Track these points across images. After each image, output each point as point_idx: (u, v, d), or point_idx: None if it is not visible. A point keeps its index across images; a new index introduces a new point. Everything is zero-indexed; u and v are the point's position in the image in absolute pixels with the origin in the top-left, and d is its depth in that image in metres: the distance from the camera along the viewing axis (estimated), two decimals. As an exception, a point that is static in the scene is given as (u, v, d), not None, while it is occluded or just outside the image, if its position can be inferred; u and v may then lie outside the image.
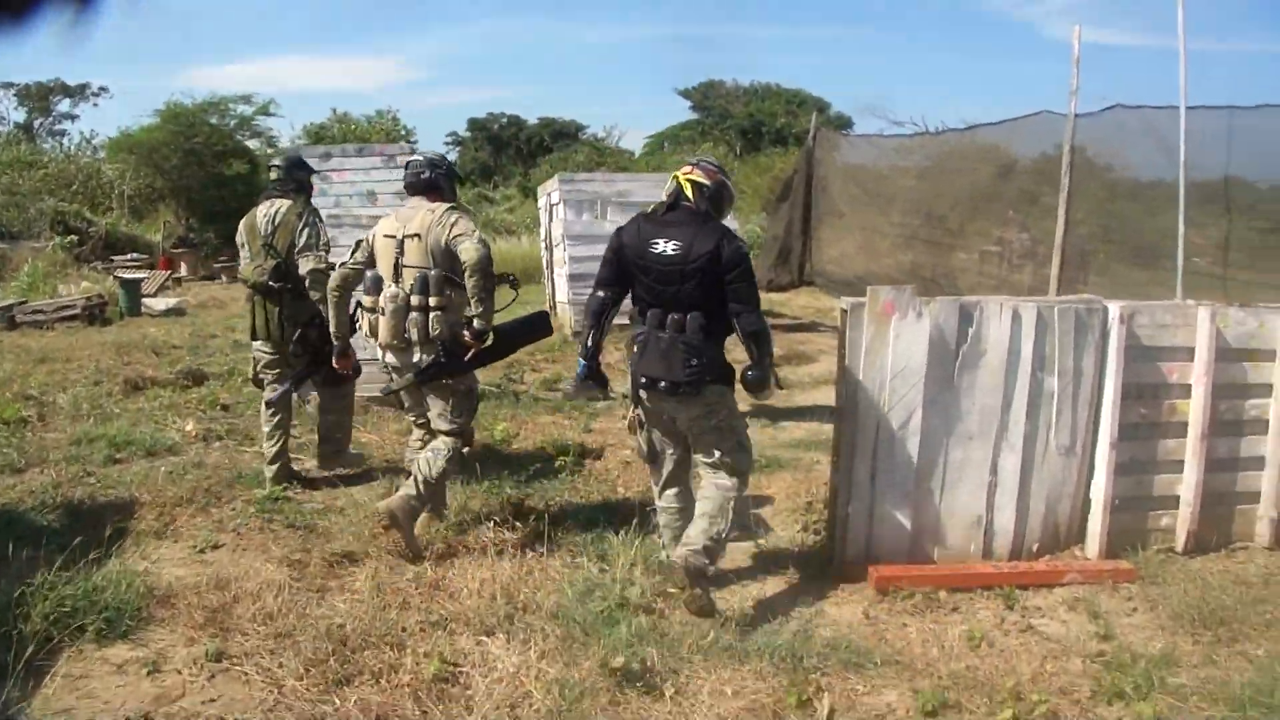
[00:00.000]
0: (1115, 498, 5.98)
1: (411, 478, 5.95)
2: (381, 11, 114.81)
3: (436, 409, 6.07)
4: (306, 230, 6.96)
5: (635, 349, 5.25)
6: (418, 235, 5.81)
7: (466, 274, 5.71)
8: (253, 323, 7.20)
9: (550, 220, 15.96)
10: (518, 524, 6.37)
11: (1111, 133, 14.12)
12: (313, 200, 7.46)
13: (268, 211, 7.11)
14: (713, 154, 35.46)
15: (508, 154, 51.89)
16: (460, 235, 5.75)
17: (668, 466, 5.57)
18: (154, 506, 6.78)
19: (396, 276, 5.89)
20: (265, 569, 5.72)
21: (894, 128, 23.36)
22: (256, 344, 7.29)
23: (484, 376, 8.12)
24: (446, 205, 5.94)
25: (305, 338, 6.99)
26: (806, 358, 13.48)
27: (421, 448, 6.26)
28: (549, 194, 15.88)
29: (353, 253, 6.19)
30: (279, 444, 7.25)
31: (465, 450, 6.39)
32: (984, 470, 5.86)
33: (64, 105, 49.48)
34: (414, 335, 5.80)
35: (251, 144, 30.41)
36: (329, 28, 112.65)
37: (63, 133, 46.58)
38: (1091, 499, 6.05)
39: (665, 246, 5.11)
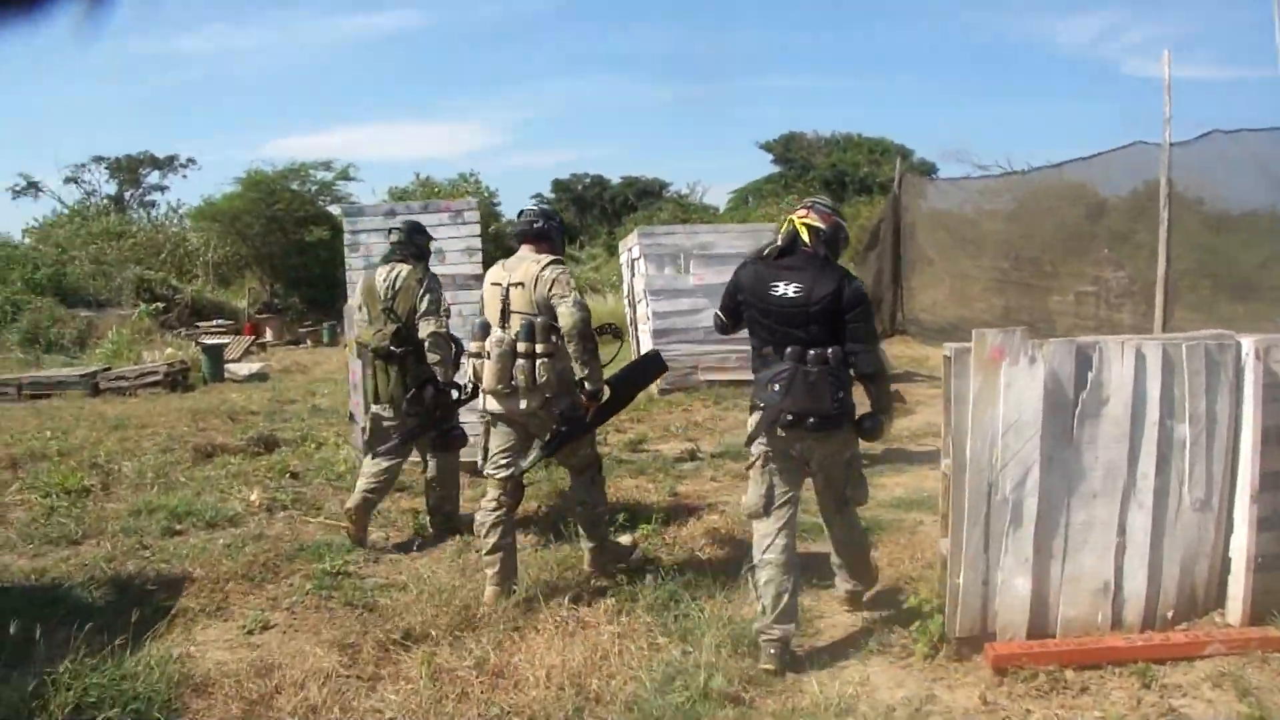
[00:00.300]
0: (1258, 555, 5.21)
1: (582, 532, 6.33)
2: (459, 79, 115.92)
3: (566, 449, 6.07)
4: (428, 295, 6.98)
5: (775, 387, 5.05)
6: (522, 284, 5.80)
7: (565, 338, 5.74)
8: (375, 387, 7.20)
9: (632, 275, 15.55)
10: (591, 600, 5.90)
11: (1209, 161, 13.52)
12: (375, 260, 7.50)
13: (388, 276, 7.13)
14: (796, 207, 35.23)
15: (592, 214, 51.89)
16: (558, 296, 5.73)
17: (778, 521, 5.21)
18: (207, 582, 6.38)
19: (503, 322, 5.87)
20: (315, 654, 5.23)
21: (979, 171, 22.84)
22: (376, 408, 7.27)
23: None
24: (550, 259, 5.88)
25: (420, 398, 6.98)
26: (904, 410, 12.75)
27: (497, 509, 5.96)
28: (630, 248, 15.49)
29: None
30: (372, 498, 7.21)
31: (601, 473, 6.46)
32: (1110, 531, 5.16)
33: (153, 177, 50.12)
34: (521, 381, 5.75)
35: (332, 210, 30.42)
36: (409, 97, 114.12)
37: (152, 204, 47.45)
38: (1231, 558, 5.29)
39: (786, 289, 5.09)
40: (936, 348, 12.49)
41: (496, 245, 36.20)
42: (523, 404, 5.81)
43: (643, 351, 14.33)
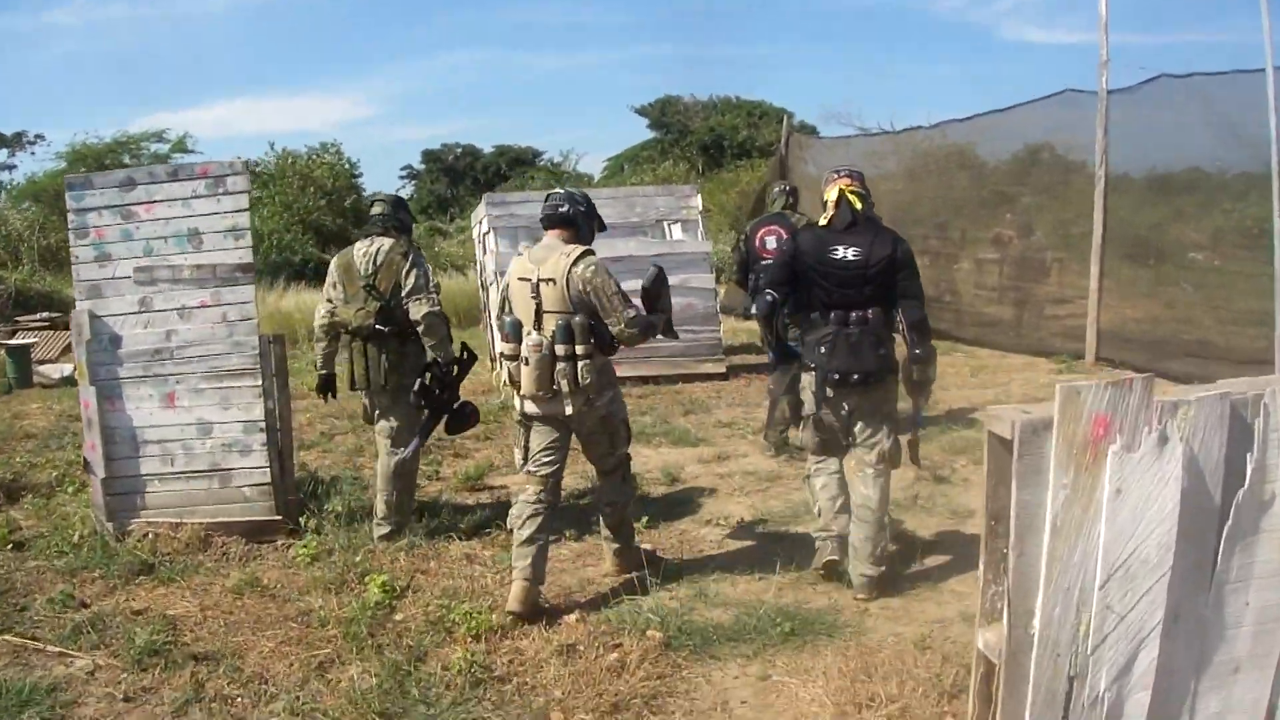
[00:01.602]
0: None
1: (607, 531, 5.95)
2: (331, 52, 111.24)
3: (599, 450, 5.78)
4: (415, 271, 6.51)
5: (822, 349, 5.43)
6: (553, 279, 5.36)
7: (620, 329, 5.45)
8: (350, 371, 6.62)
9: (483, 253, 12.76)
10: None
11: (1150, 112, 11.50)
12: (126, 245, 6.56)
13: (368, 250, 6.62)
14: (673, 172, 33.10)
15: (464, 185, 48.96)
16: (607, 309, 5.40)
17: (830, 454, 5.71)
18: None
19: (537, 323, 5.43)
20: None
21: (861, 134, 20.69)
22: (357, 391, 6.84)
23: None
24: (581, 251, 5.44)
25: (426, 389, 6.47)
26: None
27: (537, 501, 5.54)
28: (479, 221, 12.66)
29: (501, 305, 5.78)
30: (398, 513, 6.67)
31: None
32: (1257, 723, 2.76)
33: (0, 155, 45.45)
34: (564, 386, 5.37)
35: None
36: (281, 70, 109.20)
37: (5, 185, 42.67)
38: None
39: (846, 252, 5.36)
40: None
41: (357, 223, 33.71)
42: (568, 408, 5.43)
43: (495, 346, 11.70)
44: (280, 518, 6.71)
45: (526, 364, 5.39)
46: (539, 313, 5.40)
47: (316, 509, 6.84)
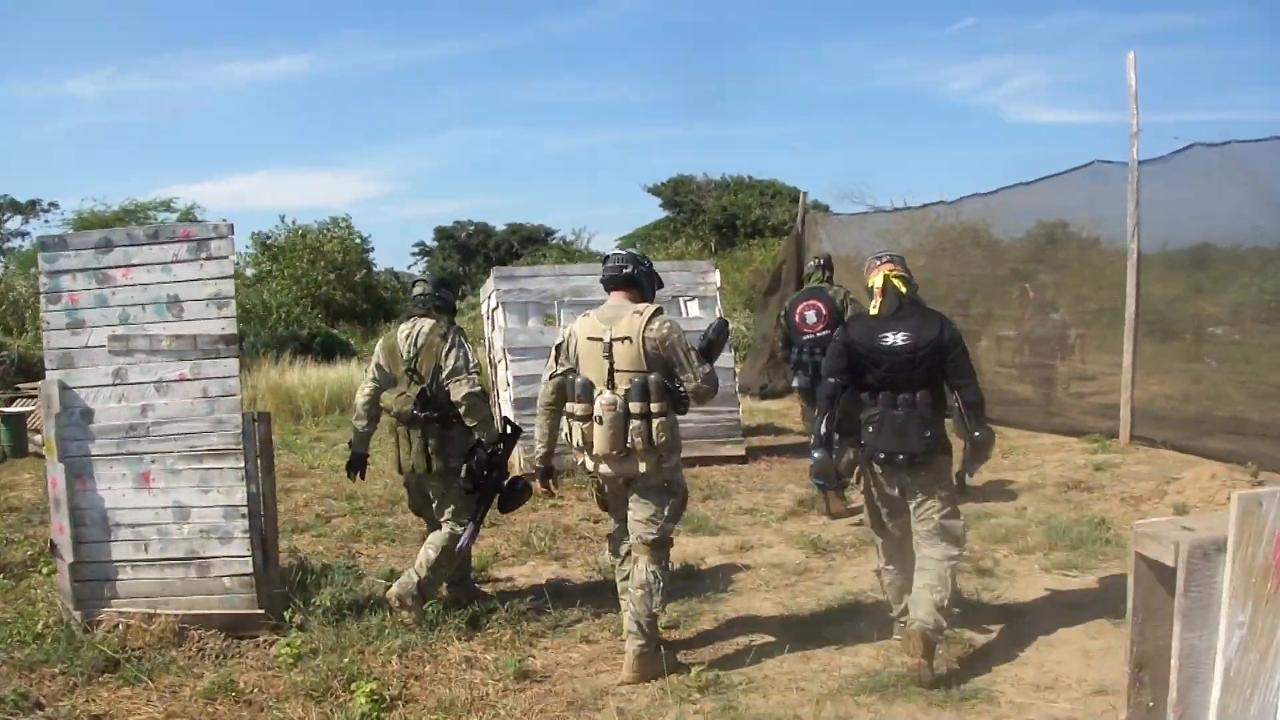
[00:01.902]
0: None
1: (634, 626, 5.43)
2: (346, 129, 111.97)
3: (646, 514, 5.49)
4: (454, 352, 6.32)
5: (870, 428, 5.51)
6: (628, 339, 5.38)
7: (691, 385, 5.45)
8: (397, 457, 6.45)
9: (492, 329, 12.17)
10: None
11: (1184, 180, 11.00)
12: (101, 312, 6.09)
13: (410, 332, 6.47)
14: (686, 250, 32.66)
15: (476, 262, 48.65)
16: (681, 366, 5.42)
17: (891, 536, 5.77)
18: None
19: (610, 382, 5.41)
20: None
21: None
22: (402, 477, 6.69)
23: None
24: (653, 309, 5.50)
25: (472, 471, 6.25)
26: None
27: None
28: (488, 297, 12.05)
29: (555, 358, 5.76)
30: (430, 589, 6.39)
31: (673, 565, 6.01)
32: None
33: (14, 222, 45.22)
34: (639, 445, 5.31)
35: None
36: (296, 146, 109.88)
37: (13, 251, 42.41)
38: None
39: (895, 338, 5.45)
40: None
41: (367, 298, 33.51)
42: (641, 467, 5.39)
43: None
44: (262, 611, 6.10)
45: (600, 423, 5.33)
46: (612, 371, 5.40)
47: (303, 603, 6.23)
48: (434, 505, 6.54)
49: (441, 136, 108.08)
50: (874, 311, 5.64)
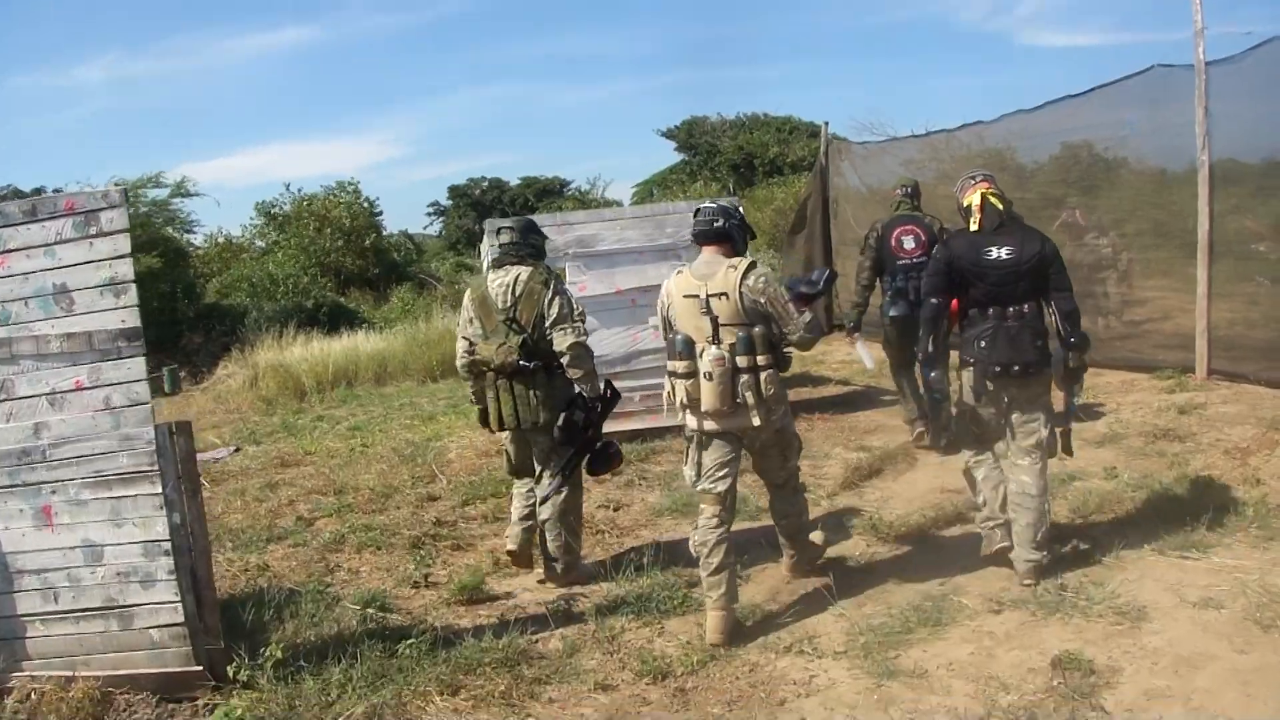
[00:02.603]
0: None
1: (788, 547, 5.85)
2: (358, 94, 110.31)
3: (774, 463, 5.63)
4: (558, 299, 5.95)
5: (982, 343, 5.50)
6: (725, 294, 5.21)
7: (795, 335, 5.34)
8: (499, 411, 6.01)
9: (492, 290, 10.67)
10: None
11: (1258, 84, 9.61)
12: None
13: (504, 281, 6.03)
14: (704, 193, 31.27)
15: (491, 218, 47.23)
16: (783, 316, 5.26)
17: (988, 447, 5.76)
18: None
19: (715, 338, 5.21)
20: None
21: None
22: (504, 435, 6.27)
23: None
24: (748, 262, 5.30)
25: (571, 424, 5.87)
26: (902, 456, 8.47)
27: (718, 525, 5.33)
28: (485, 255, 10.60)
29: (661, 323, 5.63)
30: (523, 526, 6.29)
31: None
32: None
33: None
34: (749, 399, 5.17)
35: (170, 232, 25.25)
36: (310, 116, 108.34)
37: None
38: None
39: (1000, 252, 5.47)
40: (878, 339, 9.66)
41: (378, 262, 32.08)
42: (755, 419, 5.22)
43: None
44: (200, 669, 4.84)
45: (709, 379, 5.20)
46: (715, 326, 5.24)
47: (251, 652, 4.94)
48: (524, 462, 6.28)
49: (451, 97, 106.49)
50: (975, 228, 5.62)
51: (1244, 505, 6.22)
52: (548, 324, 5.94)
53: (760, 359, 5.20)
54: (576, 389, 5.96)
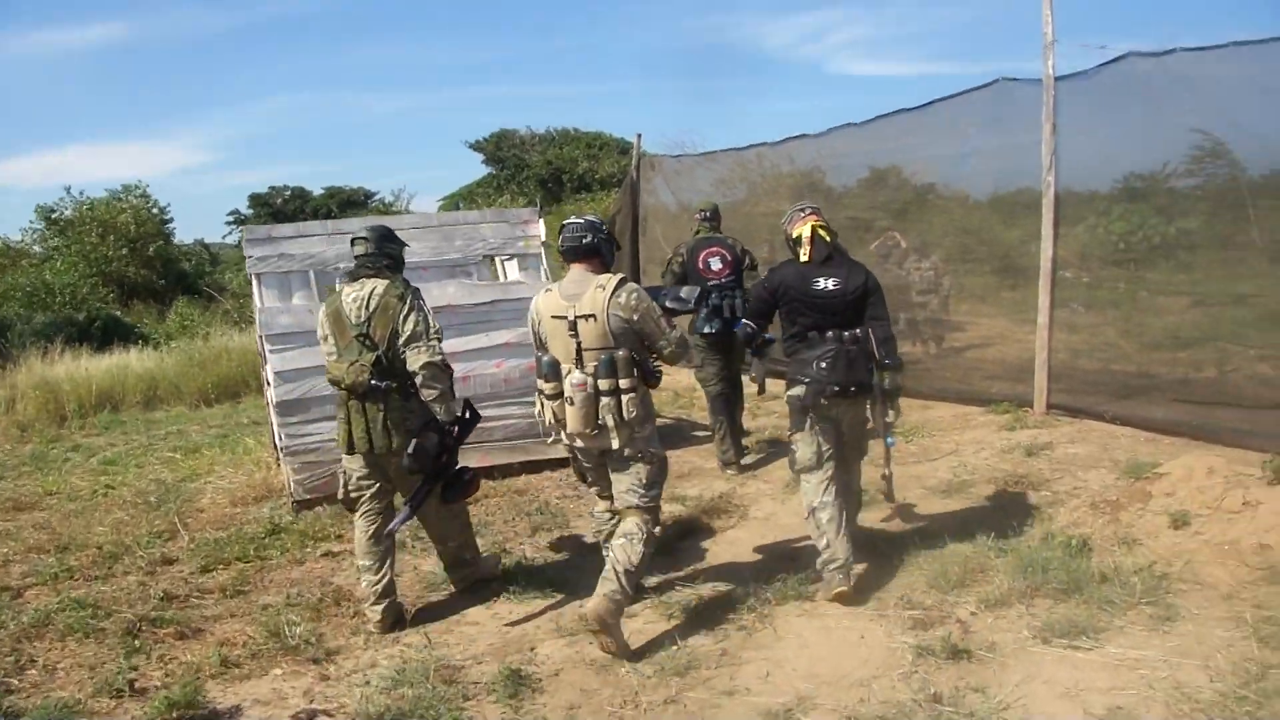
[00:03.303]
0: None
1: (610, 571, 5.02)
2: (160, 98, 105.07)
3: (626, 483, 5.23)
4: (413, 315, 5.50)
5: (822, 364, 5.55)
6: (592, 316, 5.03)
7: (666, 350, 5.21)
8: (349, 433, 5.55)
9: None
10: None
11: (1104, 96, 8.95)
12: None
13: (358, 295, 5.59)
14: (511, 206, 29.95)
15: (251, 227, 44.74)
16: (654, 334, 5.11)
17: (828, 471, 5.70)
18: None
19: (579, 361, 5.09)
20: None
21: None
22: (348, 459, 5.69)
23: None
24: (617, 279, 5.10)
25: (422, 449, 5.38)
26: (724, 510, 7.29)
27: (611, 518, 5.37)
28: (249, 269, 8.87)
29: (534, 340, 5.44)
30: (387, 578, 5.61)
31: (658, 529, 5.43)
32: None
33: None
34: (609, 421, 5.07)
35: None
36: (118, 117, 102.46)
37: None
38: None
39: (827, 283, 5.62)
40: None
41: (165, 272, 29.68)
42: (614, 442, 5.11)
43: (276, 436, 8.24)
44: None
45: (571, 403, 5.11)
46: (579, 350, 5.11)
47: None
48: (355, 479, 5.75)
49: (264, 103, 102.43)
50: (805, 258, 5.74)
51: (1127, 574, 5.21)
52: (401, 341, 5.50)
53: (623, 382, 5.06)
54: (432, 413, 5.52)
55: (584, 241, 5.21)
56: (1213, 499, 5.79)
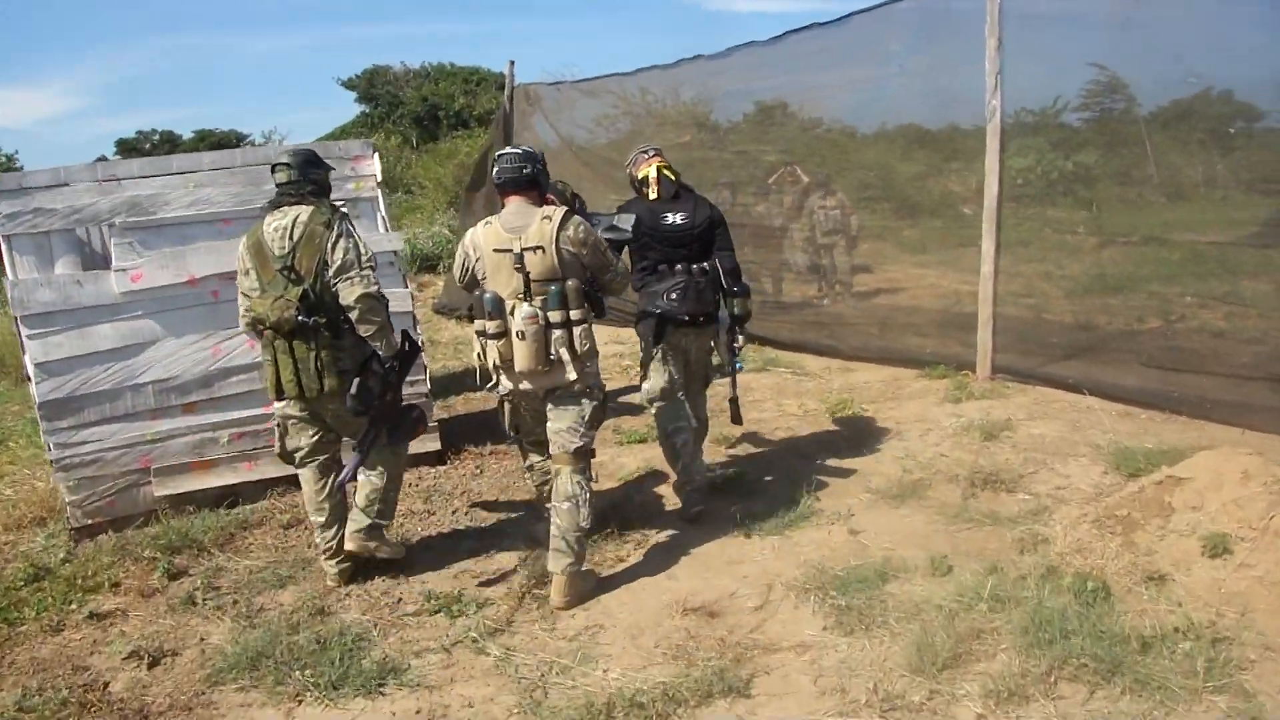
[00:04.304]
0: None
1: (561, 542, 4.74)
2: (27, 38, 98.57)
3: (567, 422, 4.88)
4: (341, 242, 4.90)
5: (673, 295, 5.56)
6: (540, 247, 4.73)
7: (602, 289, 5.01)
8: (276, 376, 4.97)
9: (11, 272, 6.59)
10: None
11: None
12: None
13: (280, 224, 4.96)
14: (384, 146, 27.79)
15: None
16: (602, 266, 4.92)
17: (678, 400, 5.76)
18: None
19: (527, 294, 4.76)
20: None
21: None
22: (280, 405, 5.09)
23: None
24: (564, 211, 4.86)
25: (365, 388, 4.94)
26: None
27: (546, 466, 5.14)
28: None
29: (460, 278, 5.03)
30: (339, 532, 5.16)
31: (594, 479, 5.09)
32: None
33: None
34: (564, 355, 4.77)
35: None
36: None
37: None
38: None
39: (675, 218, 5.66)
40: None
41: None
42: (570, 374, 4.79)
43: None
44: None
45: (521, 338, 4.73)
46: (528, 282, 4.74)
47: None
48: (294, 429, 5.12)
49: (138, 44, 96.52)
50: (654, 196, 5.74)
51: (1173, 637, 3.70)
52: (330, 273, 4.91)
53: (574, 314, 4.80)
54: (369, 348, 5.02)
55: (524, 172, 4.87)
56: (1256, 516, 4.29)
